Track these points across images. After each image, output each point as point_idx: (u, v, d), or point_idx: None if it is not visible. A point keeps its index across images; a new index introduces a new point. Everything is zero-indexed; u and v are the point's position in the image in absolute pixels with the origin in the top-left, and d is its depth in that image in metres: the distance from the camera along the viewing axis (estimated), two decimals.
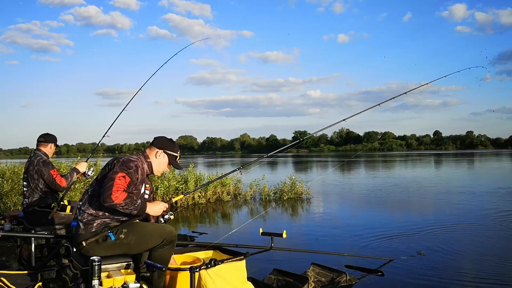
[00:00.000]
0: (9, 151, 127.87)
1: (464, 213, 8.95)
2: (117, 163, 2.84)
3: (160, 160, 3.09)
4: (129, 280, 2.72)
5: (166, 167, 3.15)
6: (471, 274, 4.84)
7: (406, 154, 74.62)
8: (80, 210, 2.91)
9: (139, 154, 3.05)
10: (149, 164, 3.05)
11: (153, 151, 3.09)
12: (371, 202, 11.54)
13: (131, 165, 2.85)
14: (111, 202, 2.71)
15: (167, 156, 3.10)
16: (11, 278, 3.34)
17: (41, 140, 4.47)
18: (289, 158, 62.70)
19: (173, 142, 3.19)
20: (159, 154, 3.08)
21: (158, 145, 3.10)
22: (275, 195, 12.18)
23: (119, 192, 2.73)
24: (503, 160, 40.86)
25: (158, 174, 3.16)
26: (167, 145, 3.12)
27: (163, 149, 3.09)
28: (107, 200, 2.71)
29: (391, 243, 6.38)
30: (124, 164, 2.83)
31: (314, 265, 4.47)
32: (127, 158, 2.89)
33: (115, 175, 2.77)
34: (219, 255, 3.77)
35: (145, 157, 3.05)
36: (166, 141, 3.15)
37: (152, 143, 3.13)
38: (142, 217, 2.99)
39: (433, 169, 28.04)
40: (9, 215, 4.83)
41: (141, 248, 2.93)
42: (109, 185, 2.73)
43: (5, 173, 9.85)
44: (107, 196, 2.70)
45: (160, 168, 3.12)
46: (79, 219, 2.88)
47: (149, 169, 3.06)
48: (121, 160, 2.86)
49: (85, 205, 2.89)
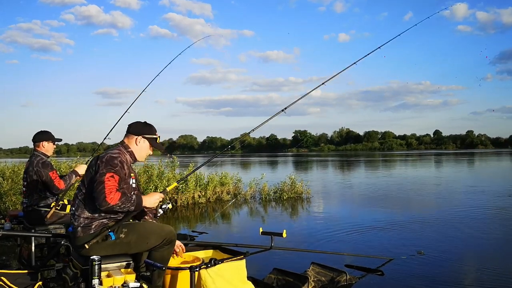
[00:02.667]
0: (9, 151, 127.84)
1: (464, 213, 8.95)
2: (101, 164, 2.79)
3: (141, 146, 3.06)
4: (129, 279, 2.72)
5: (148, 151, 3.12)
6: (471, 274, 4.84)
7: (406, 153, 74.64)
8: (75, 216, 2.86)
9: (119, 147, 3.00)
10: (131, 153, 3.02)
11: (132, 139, 3.05)
12: (371, 201, 11.54)
13: (115, 163, 2.81)
14: (107, 205, 2.69)
15: (147, 140, 3.07)
16: (11, 277, 3.33)
17: (33, 141, 4.48)
18: (289, 157, 62.69)
19: (149, 124, 3.14)
20: (139, 140, 3.04)
21: (136, 132, 3.05)
22: (275, 194, 12.19)
23: (112, 193, 2.71)
24: (503, 159, 40.86)
25: (142, 160, 3.14)
26: (145, 130, 3.08)
27: (142, 135, 3.05)
28: (103, 204, 2.69)
29: (391, 242, 6.38)
30: (108, 163, 2.78)
31: (314, 265, 4.47)
32: (109, 156, 2.83)
33: (103, 177, 2.72)
34: (219, 254, 3.77)
35: (125, 147, 3.01)
36: (143, 126, 3.10)
37: (129, 131, 3.07)
38: (138, 211, 2.97)
39: (433, 169, 28.03)
40: (9, 214, 4.83)
41: (141, 247, 2.93)
42: (101, 188, 2.70)
43: (4, 172, 9.86)
44: (102, 200, 2.68)
45: (143, 154, 3.09)
46: (75, 224, 2.84)
47: (132, 158, 3.03)
48: (104, 160, 2.80)
49: (79, 210, 2.85)
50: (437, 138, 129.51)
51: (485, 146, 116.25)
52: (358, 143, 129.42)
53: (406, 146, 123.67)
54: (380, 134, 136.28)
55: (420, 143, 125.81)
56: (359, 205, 11.11)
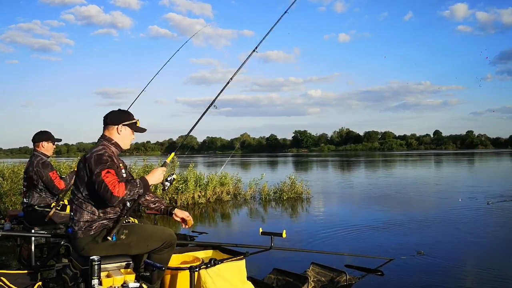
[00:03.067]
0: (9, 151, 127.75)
1: (465, 213, 8.95)
2: (91, 165, 2.75)
3: (124, 134, 3.03)
4: (129, 279, 2.72)
5: (132, 137, 3.10)
6: (471, 274, 4.85)
7: (406, 153, 74.65)
8: (74, 220, 2.85)
9: (102, 142, 2.97)
10: (115, 144, 2.99)
11: (112, 129, 3.01)
12: (371, 201, 11.54)
13: (105, 159, 2.78)
14: (117, 199, 2.68)
15: (128, 127, 3.05)
16: (11, 277, 3.33)
17: (32, 141, 4.49)
18: (289, 158, 62.70)
19: (125, 111, 3.12)
20: (120, 129, 3.01)
21: (115, 122, 3.02)
22: (275, 194, 12.19)
23: (116, 186, 2.69)
24: (503, 159, 40.86)
25: (127, 147, 3.11)
26: (123, 117, 3.05)
27: (121, 123, 3.02)
28: (113, 200, 2.67)
29: (391, 242, 6.38)
30: (98, 162, 2.75)
31: (314, 265, 4.47)
32: (97, 154, 2.80)
33: (100, 177, 2.70)
34: (219, 254, 3.77)
35: (108, 140, 2.98)
36: (119, 114, 3.07)
37: (107, 123, 3.03)
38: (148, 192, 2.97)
39: (433, 169, 28.04)
40: (9, 214, 4.84)
41: (141, 249, 2.92)
42: (103, 187, 2.68)
43: (4, 172, 9.86)
44: (110, 197, 2.66)
45: (127, 142, 3.07)
46: (76, 229, 2.82)
47: (118, 149, 3.01)
48: (93, 160, 2.76)
49: (77, 214, 2.83)
50: (437, 138, 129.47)
51: (485, 146, 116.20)
52: (358, 143, 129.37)
53: (406, 146, 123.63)
54: (380, 134, 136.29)
55: (420, 143, 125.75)
56: (359, 205, 11.12)
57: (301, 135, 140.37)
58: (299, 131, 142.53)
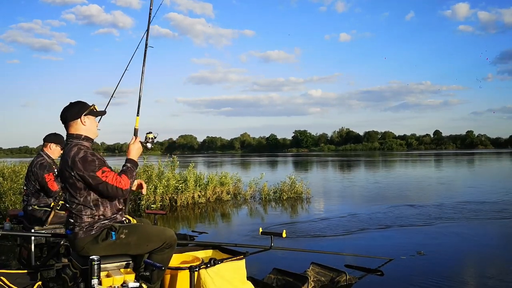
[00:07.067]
0: (9, 150, 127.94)
1: (465, 213, 8.95)
2: (82, 171, 2.71)
3: (88, 123, 2.96)
4: (129, 279, 2.72)
5: (95, 123, 3.04)
6: (471, 274, 4.84)
7: (406, 153, 74.64)
8: (74, 225, 2.83)
9: (73, 142, 2.88)
10: (86, 138, 2.94)
11: (76, 124, 2.93)
12: (371, 201, 11.53)
13: (91, 159, 2.75)
14: (125, 192, 2.78)
15: (89, 115, 2.97)
16: (10, 277, 3.33)
17: (43, 140, 4.53)
18: (289, 157, 62.70)
19: (79, 101, 3.01)
20: (83, 120, 2.93)
21: (75, 116, 2.93)
22: (274, 194, 12.18)
23: (118, 179, 2.74)
24: (503, 160, 40.86)
25: (96, 135, 3.05)
26: (80, 109, 2.95)
27: (82, 114, 2.93)
28: (124, 194, 2.78)
29: (390, 242, 6.38)
30: (87, 165, 2.72)
31: (314, 265, 4.47)
32: (80, 158, 2.74)
33: (98, 179, 2.70)
34: (219, 254, 3.77)
35: (77, 137, 2.91)
36: (75, 108, 2.97)
37: (67, 120, 2.93)
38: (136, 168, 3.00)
39: (433, 169, 28.03)
40: (9, 214, 4.84)
41: (141, 249, 2.92)
42: (109, 187, 2.71)
43: (4, 172, 9.86)
44: (119, 192, 2.75)
45: (94, 129, 3.01)
46: (76, 231, 2.81)
47: (90, 142, 2.96)
48: (81, 166, 2.72)
49: (78, 220, 2.82)
50: (437, 138, 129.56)
51: (485, 146, 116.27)
52: (358, 143, 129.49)
53: (406, 146, 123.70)
54: (380, 134, 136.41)
55: (420, 143, 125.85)
56: (359, 205, 11.10)
57: (301, 135, 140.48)
58: (299, 131, 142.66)
